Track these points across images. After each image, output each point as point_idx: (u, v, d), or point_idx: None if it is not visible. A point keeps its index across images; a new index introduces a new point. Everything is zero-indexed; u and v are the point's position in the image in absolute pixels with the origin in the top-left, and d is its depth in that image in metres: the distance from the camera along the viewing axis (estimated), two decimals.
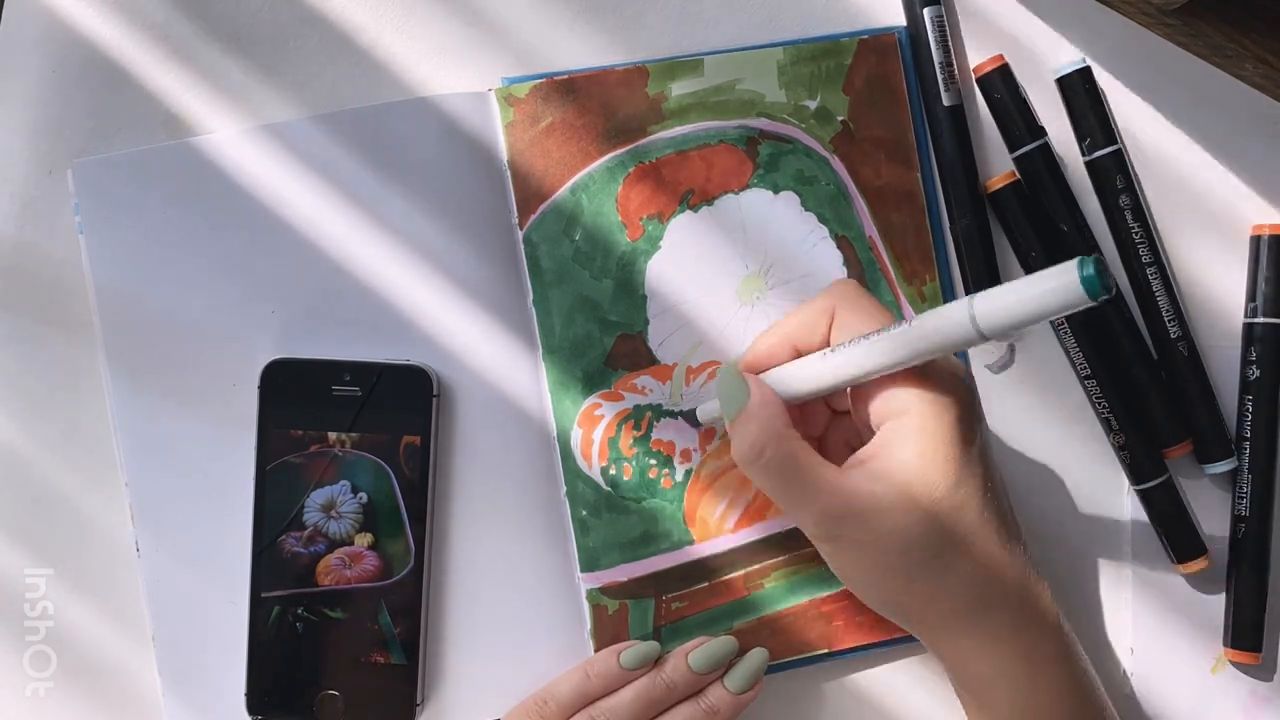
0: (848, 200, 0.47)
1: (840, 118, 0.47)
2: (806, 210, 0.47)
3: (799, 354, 0.40)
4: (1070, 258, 0.32)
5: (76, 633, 0.46)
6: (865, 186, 0.47)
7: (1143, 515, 0.47)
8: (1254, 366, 0.47)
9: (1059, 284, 0.32)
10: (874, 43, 0.47)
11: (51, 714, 0.46)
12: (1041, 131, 0.47)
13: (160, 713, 0.45)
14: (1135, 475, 0.47)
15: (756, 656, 0.45)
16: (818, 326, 0.40)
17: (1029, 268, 0.47)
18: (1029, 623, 0.39)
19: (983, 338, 0.35)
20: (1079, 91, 0.47)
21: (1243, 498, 0.46)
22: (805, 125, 0.47)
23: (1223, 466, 0.46)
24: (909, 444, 0.37)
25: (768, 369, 0.41)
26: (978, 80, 0.47)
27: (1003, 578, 0.38)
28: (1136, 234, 0.46)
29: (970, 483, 0.38)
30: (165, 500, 0.45)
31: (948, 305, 0.35)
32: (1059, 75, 0.47)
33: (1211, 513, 0.47)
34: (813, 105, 0.47)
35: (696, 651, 0.44)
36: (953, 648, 0.39)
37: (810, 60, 0.47)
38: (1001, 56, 0.47)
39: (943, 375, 0.38)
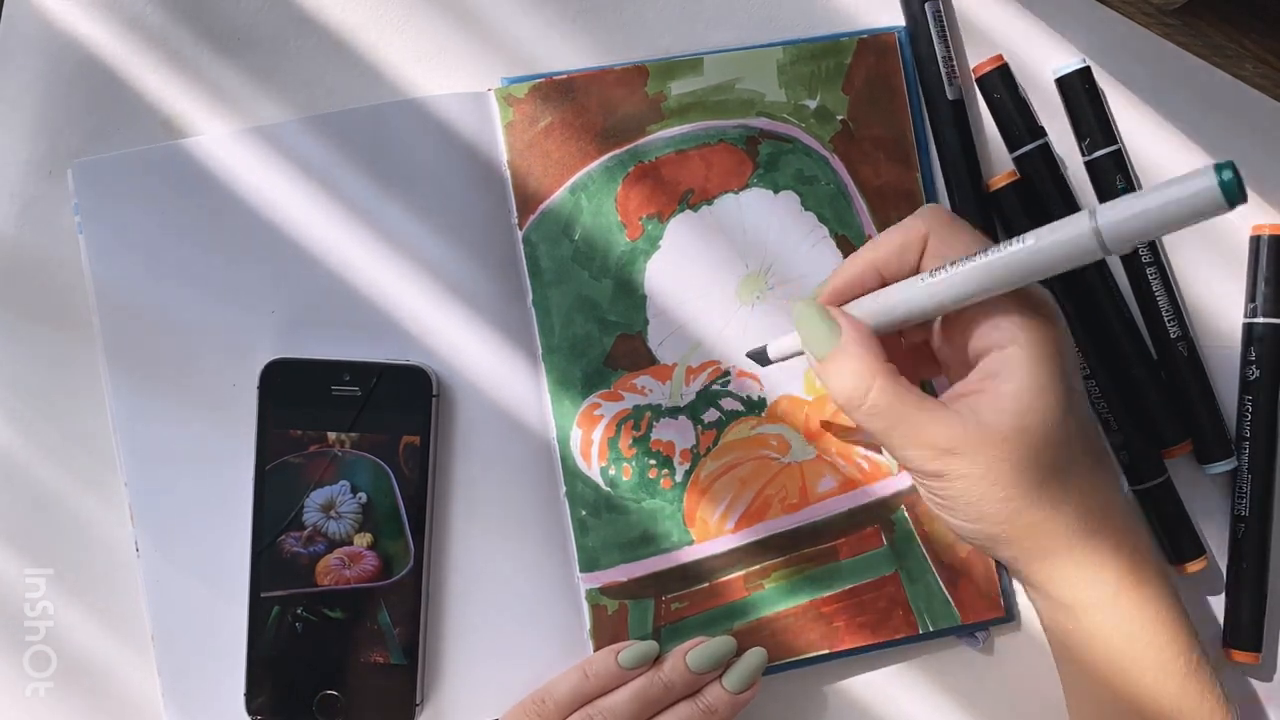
0: (847, 200, 0.47)
1: (840, 117, 0.47)
2: (806, 210, 0.47)
3: (885, 282, 0.39)
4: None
5: (76, 633, 0.46)
6: (865, 186, 0.47)
7: (1142, 516, 0.47)
8: (1254, 366, 0.47)
9: (1196, 190, 0.31)
10: (873, 42, 0.47)
11: (51, 714, 0.46)
12: (1041, 131, 0.47)
13: (160, 713, 0.45)
14: (1134, 475, 0.47)
15: (754, 656, 0.45)
16: (909, 251, 0.38)
17: None
18: (1131, 549, 0.39)
19: (1106, 251, 0.33)
20: (1078, 91, 0.47)
21: (1243, 498, 0.46)
22: (805, 125, 0.47)
23: (1223, 466, 0.46)
24: (1017, 376, 0.36)
25: (851, 300, 0.39)
26: (978, 80, 0.47)
27: (1106, 504, 0.38)
28: None
29: (1076, 412, 0.37)
30: (165, 500, 0.45)
31: (1063, 220, 0.34)
32: (1058, 75, 0.47)
33: (1211, 513, 0.47)
34: (812, 105, 0.47)
35: (694, 651, 0.44)
36: (1058, 573, 0.39)
37: (810, 60, 0.47)
38: (1001, 56, 0.47)
39: (1042, 304, 0.37)
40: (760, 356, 0.44)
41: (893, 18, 0.48)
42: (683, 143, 0.47)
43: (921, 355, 0.42)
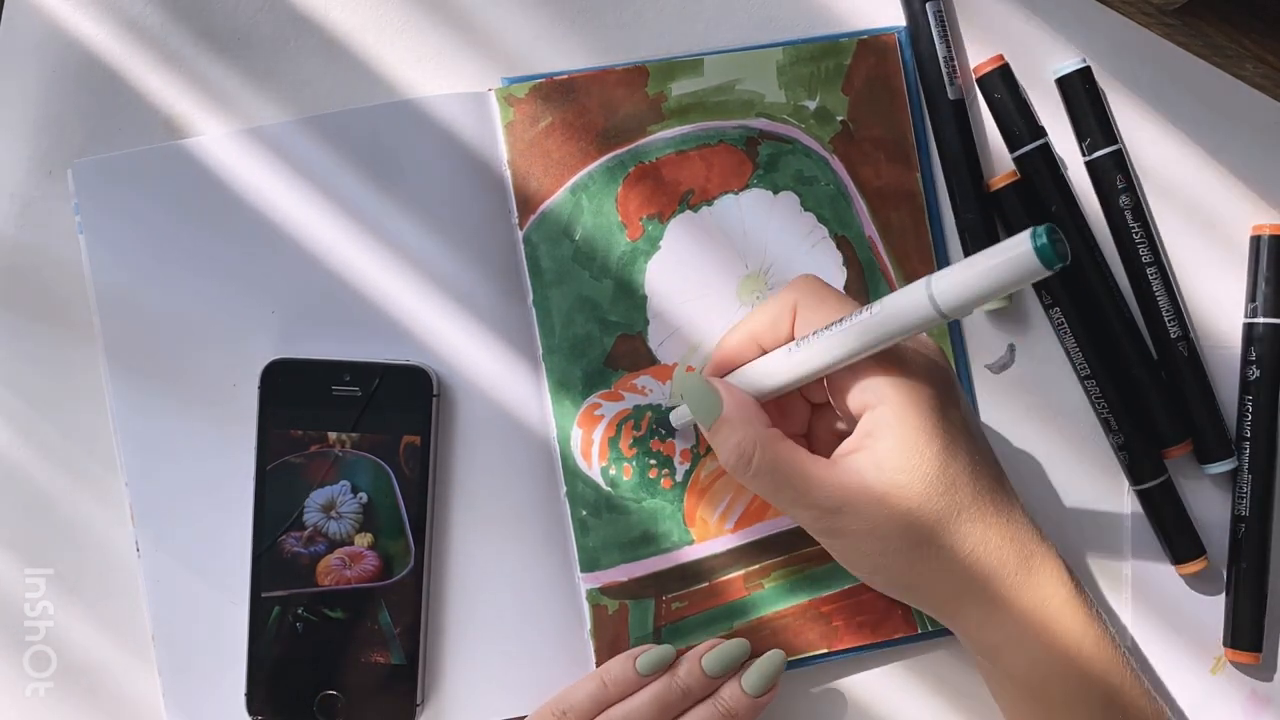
0: (847, 200, 0.47)
1: (840, 118, 0.47)
2: (806, 210, 0.47)
3: (764, 352, 0.41)
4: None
5: (76, 633, 0.46)
6: (865, 186, 0.47)
7: (1142, 516, 0.47)
8: (1254, 366, 0.47)
9: (1013, 255, 0.32)
10: (873, 43, 0.47)
11: (51, 714, 0.46)
12: (1042, 131, 0.47)
13: (160, 713, 0.45)
14: (1134, 476, 0.47)
15: (773, 659, 0.44)
16: (780, 322, 0.40)
17: None
18: (1034, 585, 0.39)
19: (943, 316, 0.34)
20: (1079, 91, 0.47)
21: (1243, 498, 0.46)
22: (805, 125, 0.47)
23: (1223, 466, 0.46)
24: (889, 434, 0.38)
25: (734, 370, 0.41)
26: (978, 80, 0.47)
27: (1002, 546, 0.39)
28: (1136, 234, 0.46)
29: (957, 460, 0.38)
30: (165, 500, 0.45)
31: (906, 288, 0.35)
32: (1059, 75, 0.47)
33: (1211, 513, 0.47)
34: (812, 105, 0.47)
35: (710, 655, 0.44)
36: (962, 619, 0.40)
37: (810, 60, 0.47)
38: (1001, 56, 0.47)
39: (913, 358, 0.38)
40: (666, 426, 0.46)
41: (893, 18, 0.48)
42: (683, 143, 0.47)
43: (829, 411, 0.43)
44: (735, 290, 0.47)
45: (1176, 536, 0.46)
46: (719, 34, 0.47)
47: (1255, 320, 0.47)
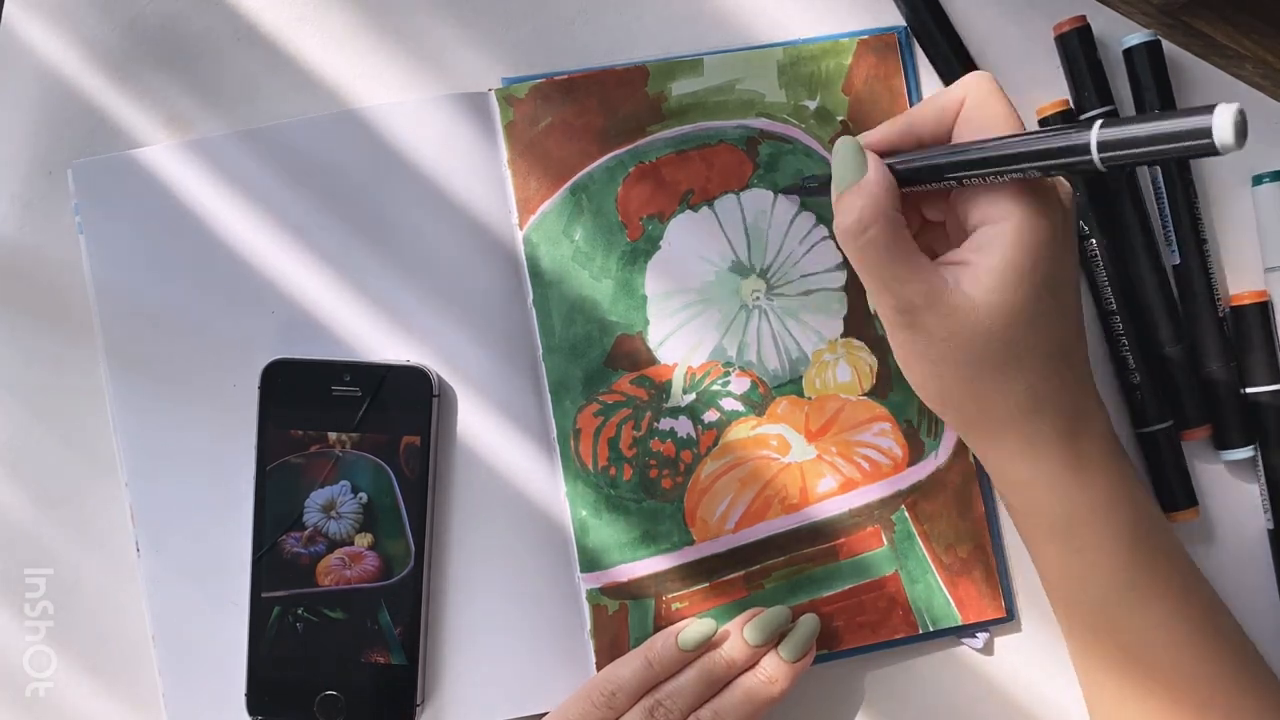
0: None
1: (840, 118, 0.47)
2: (806, 210, 0.47)
3: (921, 143, 0.41)
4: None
5: (76, 633, 0.46)
6: None
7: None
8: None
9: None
10: (874, 43, 0.47)
11: (51, 714, 0.46)
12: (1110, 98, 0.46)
13: (160, 713, 0.45)
14: (1139, 418, 0.46)
15: (808, 623, 0.45)
16: (945, 116, 0.40)
17: None
18: (1077, 433, 0.40)
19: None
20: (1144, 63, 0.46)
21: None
22: (805, 125, 0.47)
23: (1239, 454, 0.46)
24: (1000, 251, 0.38)
25: (886, 152, 0.41)
26: (1056, 38, 0.47)
27: (1059, 391, 0.39)
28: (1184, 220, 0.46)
29: (1049, 301, 0.38)
30: (165, 500, 0.45)
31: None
32: (1125, 47, 0.47)
33: (1225, 505, 0.47)
34: (813, 105, 0.47)
35: (751, 625, 0.44)
36: (998, 448, 0.41)
37: (810, 60, 0.47)
38: (1083, 17, 0.46)
39: (1048, 194, 0.39)
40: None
41: (893, 18, 0.48)
42: (683, 143, 0.47)
43: (938, 233, 0.43)
44: (735, 290, 0.47)
45: (1171, 485, 0.46)
46: (719, 34, 0.47)
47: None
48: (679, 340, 0.46)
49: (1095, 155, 0.34)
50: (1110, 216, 0.46)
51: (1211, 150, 0.32)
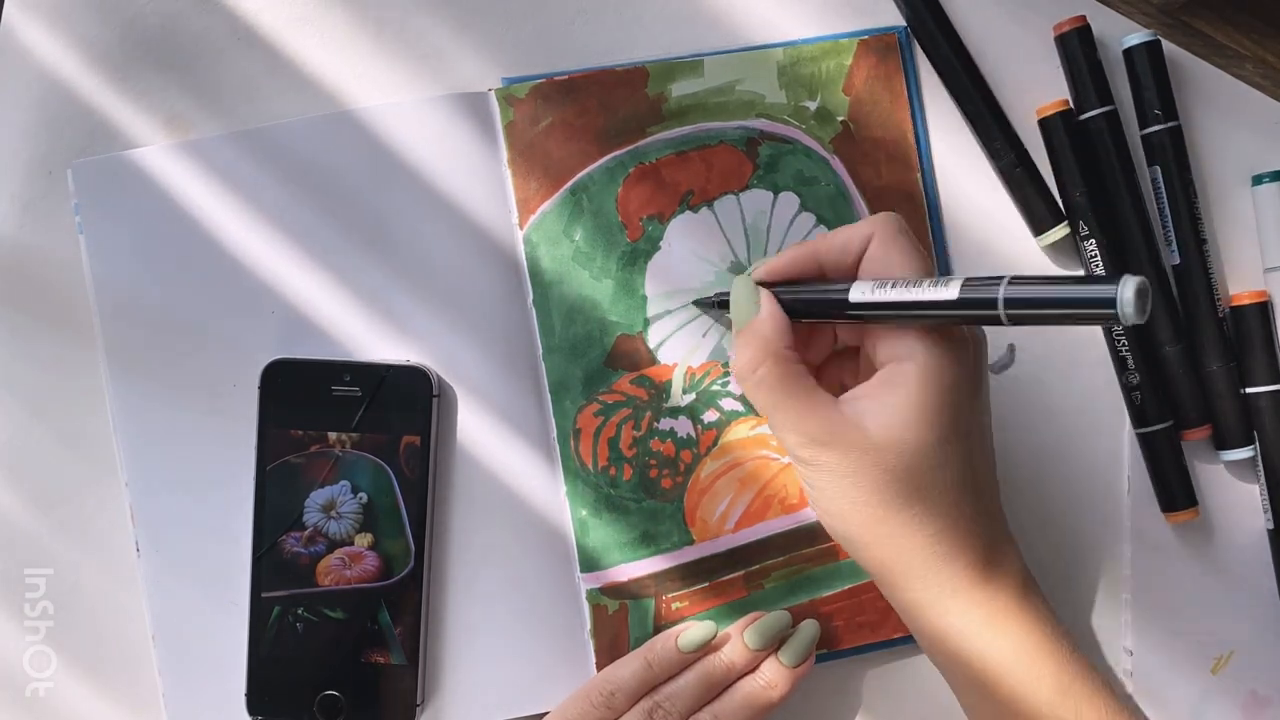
0: (848, 201, 0.47)
1: (840, 118, 0.47)
2: (806, 211, 0.47)
3: (824, 274, 0.40)
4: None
5: (76, 633, 0.46)
6: (865, 187, 0.47)
7: (1141, 483, 0.47)
8: None
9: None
10: (874, 43, 0.47)
11: (51, 714, 0.46)
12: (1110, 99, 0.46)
13: (160, 713, 0.45)
14: (1139, 418, 0.46)
15: (808, 629, 0.45)
16: (849, 251, 0.39)
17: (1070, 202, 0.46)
18: (990, 580, 0.39)
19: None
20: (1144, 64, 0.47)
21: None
22: (805, 126, 0.47)
23: (1239, 454, 0.46)
24: (904, 390, 0.37)
25: (788, 281, 0.41)
26: (1056, 37, 0.47)
27: (970, 536, 0.38)
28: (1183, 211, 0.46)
29: (957, 444, 0.38)
30: (165, 500, 0.45)
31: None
32: (1125, 47, 0.47)
33: (1225, 505, 0.47)
34: (813, 106, 0.47)
35: (751, 628, 0.44)
36: (910, 596, 0.39)
37: (810, 61, 0.47)
38: (1083, 17, 0.46)
39: (958, 336, 0.38)
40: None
41: (893, 18, 0.48)
42: (683, 144, 0.47)
43: (848, 360, 0.42)
44: None
45: (1172, 485, 0.46)
46: (719, 35, 0.47)
47: None
48: (679, 340, 0.46)
49: (1002, 311, 0.34)
50: (1110, 216, 0.46)
51: (1115, 320, 0.32)
